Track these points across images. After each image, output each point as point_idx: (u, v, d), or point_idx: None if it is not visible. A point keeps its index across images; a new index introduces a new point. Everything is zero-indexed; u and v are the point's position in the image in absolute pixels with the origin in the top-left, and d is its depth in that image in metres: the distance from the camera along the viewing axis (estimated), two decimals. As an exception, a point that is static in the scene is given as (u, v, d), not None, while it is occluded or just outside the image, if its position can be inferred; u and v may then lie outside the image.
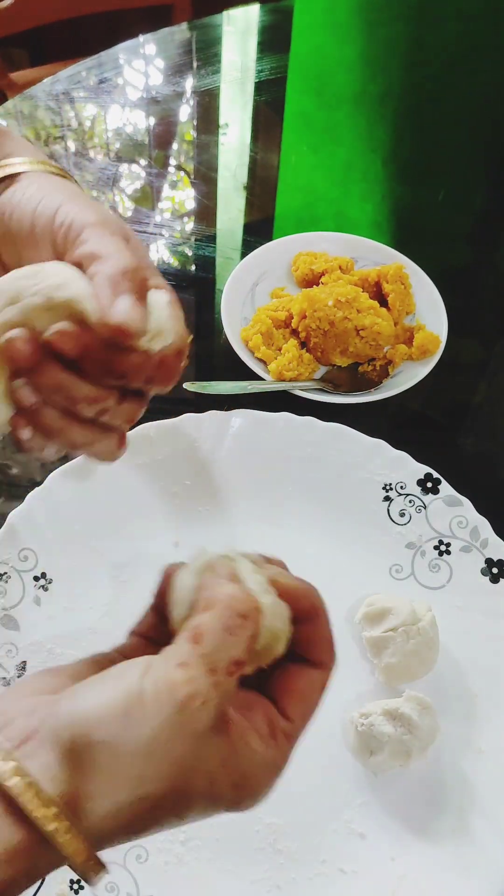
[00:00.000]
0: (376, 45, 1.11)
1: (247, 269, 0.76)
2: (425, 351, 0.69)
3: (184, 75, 1.07)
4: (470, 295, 0.82)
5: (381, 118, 1.04)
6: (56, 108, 1.01)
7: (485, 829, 0.47)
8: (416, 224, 0.91)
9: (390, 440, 0.61)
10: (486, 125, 1.06)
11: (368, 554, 0.58)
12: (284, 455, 0.61)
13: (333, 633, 0.31)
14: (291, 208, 0.93)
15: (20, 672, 0.51)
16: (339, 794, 0.49)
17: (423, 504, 0.59)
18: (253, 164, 0.96)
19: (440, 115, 1.06)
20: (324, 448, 0.61)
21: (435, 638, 0.51)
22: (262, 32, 1.16)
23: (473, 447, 0.69)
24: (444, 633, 0.53)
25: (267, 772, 0.28)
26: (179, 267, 0.83)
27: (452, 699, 0.51)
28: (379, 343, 0.69)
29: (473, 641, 0.54)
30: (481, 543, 0.57)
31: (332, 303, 0.67)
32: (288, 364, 0.67)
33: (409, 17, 1.17)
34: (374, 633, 0.52)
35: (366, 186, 0.96)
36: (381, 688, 0.52)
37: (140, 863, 0.46)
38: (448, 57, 1.13)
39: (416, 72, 1.12)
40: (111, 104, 1.02)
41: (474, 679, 0.52)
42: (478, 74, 1.11)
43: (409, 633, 0.50)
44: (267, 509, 0.60)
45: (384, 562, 0.58)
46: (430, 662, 0.51)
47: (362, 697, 0.52)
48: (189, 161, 0.98)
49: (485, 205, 0.97)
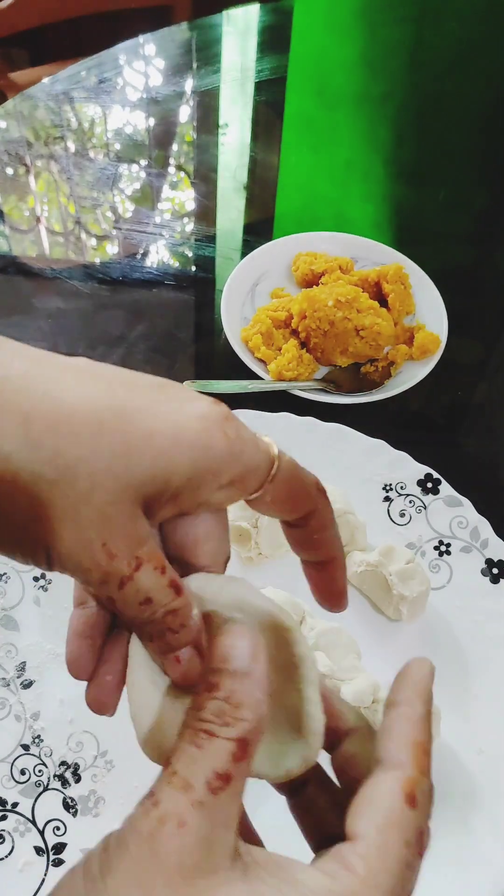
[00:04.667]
0: (377, 45, 1.11)
1: (247, 269, 0.76)
2: (425, 351, 0.69)
3: (184, 75, 1.07)
4: (470, 295, 0.82)
5: (382, 119, 1.04)
6: (56, 108, 1.01)
7: (485, 830, 0.47)
8: (416, 224, 0.91)
9: (390, 440, 0.61)
10: (487, 125, 1.06)
11: (368, 554, 0.58)
12: (284, 455, 0.61)
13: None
14: (291, 208, 0.93)
15: (20, 672, 0.51)
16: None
17: (424, 504, 0.59)
18: (253, 164, 0.96)
19: (440, 115, 1.06)
20: (324, 448, 0.61)
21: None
22: (262, 32, 1.16)
23: (473, 447, 0.69)
24: (445, 633, 0.53)
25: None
26: (179, 267, 0.83)
27: (452, 699, 0.51)
28: (379, 343, 0.69)
29: (473, 641, 0.54)
30: (481, 544, 0.57)
31: (332, 303, 0.67)
32: (288, 364, 0.67)
33: (409, 18, 1.17)
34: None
35: (366, 187, 0.96)
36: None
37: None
38: (448, 57, 1.13)
39: (417, 72, 1.12)
40: (111, 104, 1.02)
41: (474, 679, 0.52)
42: (478, 75, 1.11)
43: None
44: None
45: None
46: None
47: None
48: (189, 161, 0.98)
49: (485, 205, 0.97)
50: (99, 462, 0.23)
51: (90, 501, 0.23)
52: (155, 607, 0.25)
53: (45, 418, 0.23)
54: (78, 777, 0.48)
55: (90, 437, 0.23)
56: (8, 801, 0.46)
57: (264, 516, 0.55)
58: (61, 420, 0.23)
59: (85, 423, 0.23)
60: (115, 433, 0.23)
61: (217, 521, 0.28)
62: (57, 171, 0.94)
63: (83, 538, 0.23)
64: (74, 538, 0.23)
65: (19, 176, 0.92)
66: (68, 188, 0.92)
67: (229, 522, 0.30)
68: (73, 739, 0.49)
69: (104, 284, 0.79)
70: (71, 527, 0.23)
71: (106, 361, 0.27)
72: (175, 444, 0.24)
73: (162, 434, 0.24)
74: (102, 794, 0.47)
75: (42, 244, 0.86)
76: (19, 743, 0.48)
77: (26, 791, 0.47)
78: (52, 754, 0.48)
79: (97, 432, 0.23)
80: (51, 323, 0.75)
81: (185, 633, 0.25)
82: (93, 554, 0.23)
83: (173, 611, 0.25)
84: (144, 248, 0.85)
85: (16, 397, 0.23)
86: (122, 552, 0.24)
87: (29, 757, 0.48)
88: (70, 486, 0.23)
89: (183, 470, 0.24)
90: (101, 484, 0.23)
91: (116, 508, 0.24)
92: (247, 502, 0.28)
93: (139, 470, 0.23)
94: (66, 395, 0.23)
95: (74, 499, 0.23)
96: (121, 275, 0.80)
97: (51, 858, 0.45)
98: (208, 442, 0.24)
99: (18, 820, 0.46)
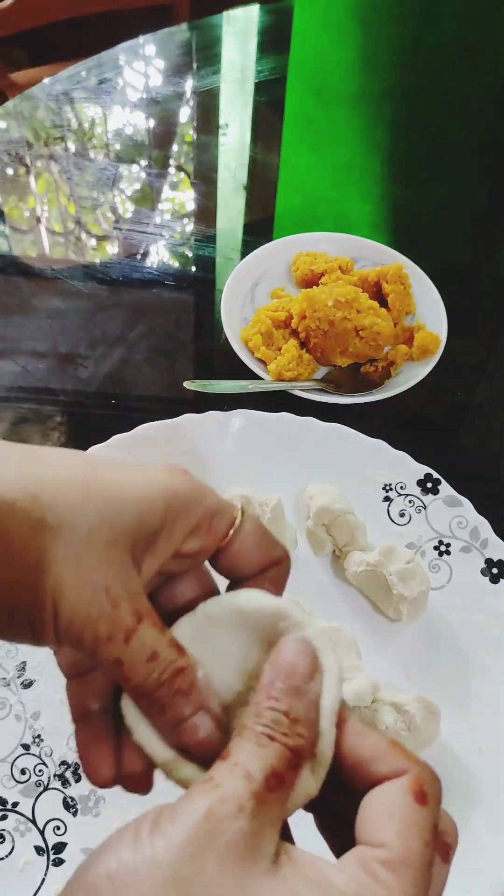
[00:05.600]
0: (376, 45, 1.11)
1: (247, 270, 0.76)
2: (425, 351, 0.69)
3: (183, 76, 1.07)
4: (470, 295, 0.82)
5: (381, 118, 1.04)
6: (56, 109, 1.01)
7: (485, 829, 0.47)
8: (416, 224, 0.92)
9: (390, 440, 0.61)
10: (486, 125, 1.06)
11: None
12: (284, 455, 0.61)
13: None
14: (291, 208, 0.93)
15: (20, 672, 0.51)
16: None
17: (423, 504, 0.59)
18: (253, 164, 0.96)
19: (440, 115, 1.06)
20: (323, 448, 0.61)
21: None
22: (262, 32, 1.16)
23: (473, 447, 0.69)
24: (445, 633, 0.53)
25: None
26: (179, 267, 0.83)
27: (452, 699, 0.51)
28: (379, 343, 0.69)
29: (473, 641, 0.54)
30: (481, 544, 0.57)
31: (332, 303, 0.67)
32: (288, 364, 0.67)
33: (408, 18, 1.17)
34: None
35: (365, 187, 0.96)
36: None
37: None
38: (448, 57, 1.13)
39: (416, 72, 1.12)
40: (111, 104, 1.02)
41: (474, 679, 0.52)
42: (477, 75, 1.11)
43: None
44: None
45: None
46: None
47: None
48: (189, 161, 0.98)
49: (485, 205, 0.97)
50: (91, 511, 0.25)
51: (90, 547, 0.25)
52: (162, 664, 0.25)
53: (34, 477, 0.25)
54: (78, 777, 0.48)
55: (79, 489, 0.25)
56: (8, 801, 0.46)
57: (263, 516, 0.55)
58: (50, 480, 0.25)
59: (72, 481, 0.25)
60: (101, 486, 0.26)
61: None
62: (57, 172, 0.94)
63: (88, 584, 0.24)
64: (80, 585, 0.24)
65: (19, 176, 0.92)
66: (68, 188, 0.92)
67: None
68: (73, 739, 0.49)
69: (104, 284, 0.79)
70: (74, 572, 0.24)
71: (106, 361, 0.28)
72: (148, 492, 0.26)
73: (137, 485, 0.26)
74: (103, 794, 0.47)
75: (42, 244, 0.86)
76: (20, 742, 0.48)
77: (27, 791, 0.47)
78: (52, 754, 0.48)
79: (85, 484, 0.25)
80: (51, 323, 0.75)
81: (196, 696, 0.26)
82: (99, 602, 0.24)
83: (181, 669, 0.26)
84: (144, 248, 0.85)
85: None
86: (124, 601, 0.25)
87: (29, 756, 0.48)
88: (70, 531, 0.24)
89: (158, 512, 0.26)
90: (97, 530, 0.25)
91: (113, 555, 0.25)
92: (216, 564, 0.29)
93: (126, 516, 0.26)
94: (46, 468, 0.26)
95: (76, 544, 0.24)
96: (121, 275, 0.80)
97: (51, 858, 0.45)
98: (174, 487, 0.27)
99: (19, 819, 0.46)
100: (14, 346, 0.72)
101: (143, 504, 0.26)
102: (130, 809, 0.46)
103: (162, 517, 0.26)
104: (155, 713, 0.26)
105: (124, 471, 0.27)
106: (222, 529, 0.28)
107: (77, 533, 0.24)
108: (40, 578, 0.24)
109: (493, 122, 1.06)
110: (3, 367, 0.71)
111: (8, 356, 0.72)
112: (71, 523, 0.24)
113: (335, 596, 0.56)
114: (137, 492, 0.26)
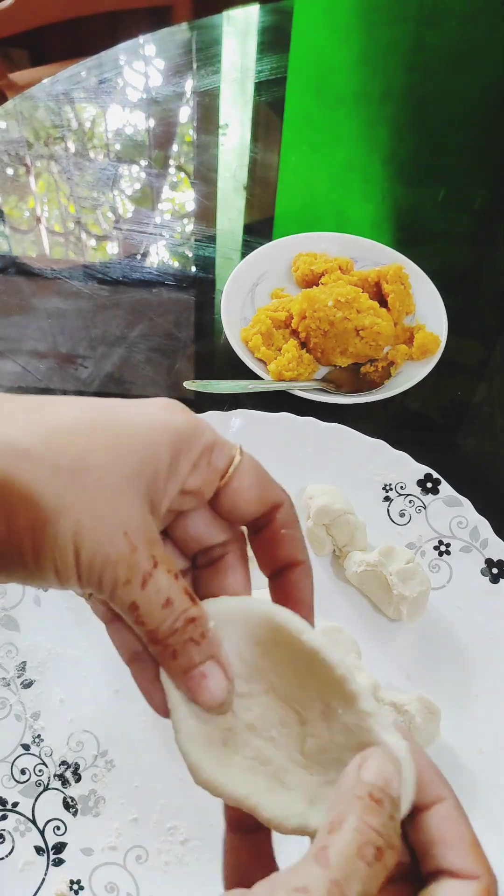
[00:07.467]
0: (376, 45, 1.11)
1: (247, 270, 0.76)
2: (425, 351, 0.69)
3: (184, 76, 1.07)
4: (470, 295, 0.82)
5: (381, 118, 1.04)
6: (56, 109, 1.01)
7: (485, 829, 0.47)
8: (416, 224, 0.92)
9: (390, 440, 0.61)
10: (486, 125, 1.06)
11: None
12: (284, 455, 0.61)
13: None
14: (291, 208, 0.93)
15: (20, 672, 0.51)
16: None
17: (423, 504, 0.59)
18: (253, 164, 0.96)
19: (440, 115, 1.06)
20: (324, 448, 0.61)
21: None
22: (262, 32, 1.16)
23: (473, 447, 0.69)
24: (445, 633, 0.53)
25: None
26: (179, 267, 0.83)
27: (452, 699, 0.51)
28: (379, 343, 0.69)
29: (473, 641, 0.54)
30: (481, 544, 0.57)
31: (332, 303, 0.67)
32: (288, 364, 0.67)
33: (408, 18, 1.17)
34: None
35: (366, 186, 0.96)
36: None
37: (140, 863, 0.46)
38: (448, 57, 1.13)
39: (416, 72, 1.12)
40: (111, 104, 1.02)
41: (474, 679, 0.52)
42: (477, 75, 1.11)
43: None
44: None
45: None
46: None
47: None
48: (189, 161, 0.98)
49: (485, 205, 0.97)
50: (98, 456, 0.25)
51: (103, 492, 0.25)
52: (175, 612, 0.26)
53: (44, 425, 0.25)
54: (78, 777, 0.48)
55: (86, 434, 0.25)
56: (8, 801, 0.46)
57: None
58: (58, 427, 0.25)
59: (79, 427, 0.25)
60: (106, 430, 0.26)
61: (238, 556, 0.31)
62: (57, 172, 0.94)
63: (107, 526, 0.25)
64: (99, 527, 0.24)
65: (19, 176, 0.92)
66: (68, 188, 0.92)
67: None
68: (73, 739, 0.49)
69: (104, 284, 0.79)
70: (93, 515, 0.24)
71: (106, 361, 0.29)
72: (152, 430, 0.27)
73: (140, 424, 0.27)
74: (103, 794, 0.47)
75: (42, 244, 0.86)
76: (19, 742, 0.48)
77: (27, 791, 0.47)
78: (52, 754, 0.48)
79: (90, 429, 0.25)
80: (51, 323, 0.75)
81: (207, 645, 0.26)
82: (118, 544, 0.25)
83: (193, 619, 0.26)
84: (144, 248, 0.85)
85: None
86: (142, 544, 0.25)
87: (29, 756, 0.48)
88: (85, 475, 0.24)
89: (165, 451, 0.26)
90: (106, 476, 0.25)
91: (128, 499, 0.25)
92: (217, 508, 0.29)
93: (134, 459, 0.26)
94: (52, 416, 0.26)
95: (92, 487, 0.24)
96: (121, 275, 0.80)
97: (51, 858, 0.45)
98: (174, 423, 0.27)
99: (19, 819, 0.46)
100: (14, 346, 0.73)
101: (150, 448, 0.26)
102: (130, 809, 0.46)
103: (169, 457, 0.27)
104: (167, 658, 0.26)
105: (124, 405, 0.28)
106: (222, 464, 0.28)
107: (91, 476, 0.25)
108: (60, 522, 0.24)
109: (494, 122, 1.06)
110: (3, 367, 0.71)
111: (8, 356, 0.72)
112: (84, 467, 0.25)
113: (335, 596, 0.56)
114: (141, 431, 0.26)
